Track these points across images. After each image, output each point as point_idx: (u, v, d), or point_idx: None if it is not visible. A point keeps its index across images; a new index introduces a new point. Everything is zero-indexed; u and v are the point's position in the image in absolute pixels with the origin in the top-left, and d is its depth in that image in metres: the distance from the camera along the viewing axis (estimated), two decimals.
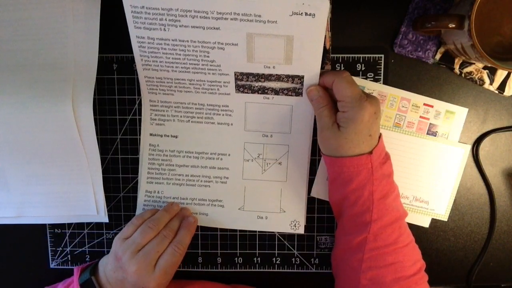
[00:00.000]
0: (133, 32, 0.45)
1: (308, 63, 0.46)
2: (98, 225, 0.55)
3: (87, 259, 0.56)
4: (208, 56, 0.47)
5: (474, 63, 0.50)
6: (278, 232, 0.55)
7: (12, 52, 0.49)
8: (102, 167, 0.52)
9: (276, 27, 0.44)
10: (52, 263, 0.56)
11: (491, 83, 0.51)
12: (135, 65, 0.51)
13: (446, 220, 0.54)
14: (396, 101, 0.52)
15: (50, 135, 0.49)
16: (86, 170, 0.51)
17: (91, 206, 0.52)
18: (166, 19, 0.44)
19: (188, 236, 0.50)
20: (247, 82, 0.49)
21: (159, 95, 0.51)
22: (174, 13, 0.43)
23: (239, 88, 0.50)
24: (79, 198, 0.52)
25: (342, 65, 0.51)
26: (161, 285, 0.47)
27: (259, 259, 0.55)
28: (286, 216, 0.54)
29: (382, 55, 0.51)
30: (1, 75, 0.49)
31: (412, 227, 0.51)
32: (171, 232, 0.49)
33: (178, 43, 0.46)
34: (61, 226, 0.55)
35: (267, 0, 0.42)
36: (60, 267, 0.56)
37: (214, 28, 0.44)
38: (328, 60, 0.49)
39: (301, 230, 0.54)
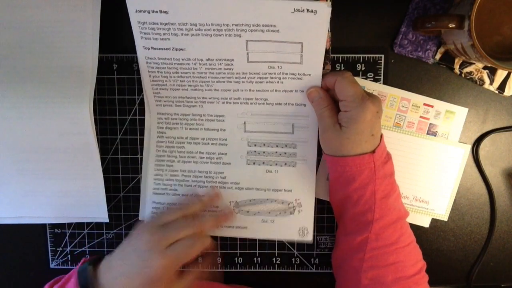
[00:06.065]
0: (140, 48, 0.46)
1: (311, 64, 0.46)
2: (98, 225, 0.55)
3: None
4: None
5: (474, 63, 0.50)
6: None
7: (16, 55, 0.49)
8: (102, 167, 0.52)
9: (278, 28, 0.43)
10: (52, 263, 0.56)
11: (491, 83, 0.51)
12: (135, 65, 0.51)
13: (446, 220, 0.54)
14: (396, 101, 0.52)
15: (60, 135, 0.49)
16: (97, 170, 0.51)
17: (101, 208, 0.52)
18: (171, 33, 0.44)
19: (211, 223, 0.48)
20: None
21: (166, 107, 0.51)
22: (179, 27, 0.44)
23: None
24: (90, 200, 0.52)
25: (342, 65, 0.51)
26: (166, 268, 0.43)
27: (259, 259, 0.55)
28: (293, 220, 0.52)
29: (382, 55, 0.51)
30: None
31: (412, 227, 0.51)
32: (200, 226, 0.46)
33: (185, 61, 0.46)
34: (61, 226, 0.55)
35: (266, 3, 0.42)
36: (60, 267, 0.56)
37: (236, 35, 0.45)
38: (328, 60, 0.49)
39: (309, 238, 0.52)
